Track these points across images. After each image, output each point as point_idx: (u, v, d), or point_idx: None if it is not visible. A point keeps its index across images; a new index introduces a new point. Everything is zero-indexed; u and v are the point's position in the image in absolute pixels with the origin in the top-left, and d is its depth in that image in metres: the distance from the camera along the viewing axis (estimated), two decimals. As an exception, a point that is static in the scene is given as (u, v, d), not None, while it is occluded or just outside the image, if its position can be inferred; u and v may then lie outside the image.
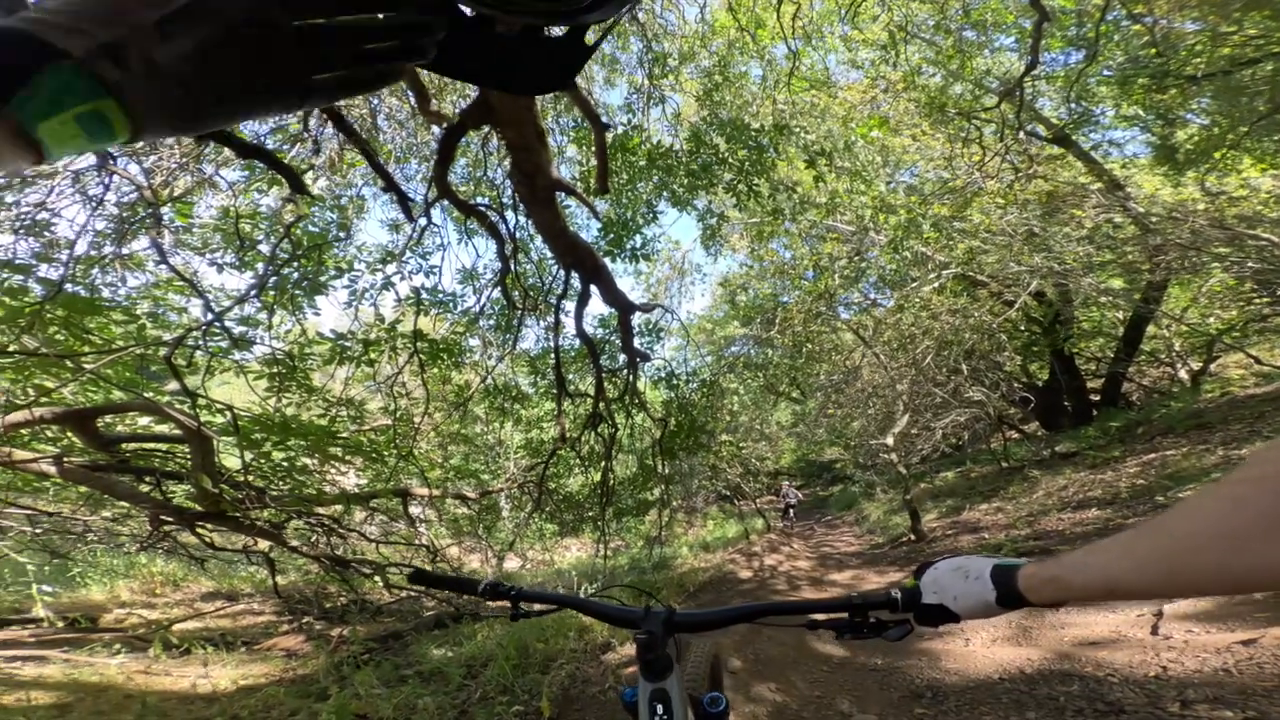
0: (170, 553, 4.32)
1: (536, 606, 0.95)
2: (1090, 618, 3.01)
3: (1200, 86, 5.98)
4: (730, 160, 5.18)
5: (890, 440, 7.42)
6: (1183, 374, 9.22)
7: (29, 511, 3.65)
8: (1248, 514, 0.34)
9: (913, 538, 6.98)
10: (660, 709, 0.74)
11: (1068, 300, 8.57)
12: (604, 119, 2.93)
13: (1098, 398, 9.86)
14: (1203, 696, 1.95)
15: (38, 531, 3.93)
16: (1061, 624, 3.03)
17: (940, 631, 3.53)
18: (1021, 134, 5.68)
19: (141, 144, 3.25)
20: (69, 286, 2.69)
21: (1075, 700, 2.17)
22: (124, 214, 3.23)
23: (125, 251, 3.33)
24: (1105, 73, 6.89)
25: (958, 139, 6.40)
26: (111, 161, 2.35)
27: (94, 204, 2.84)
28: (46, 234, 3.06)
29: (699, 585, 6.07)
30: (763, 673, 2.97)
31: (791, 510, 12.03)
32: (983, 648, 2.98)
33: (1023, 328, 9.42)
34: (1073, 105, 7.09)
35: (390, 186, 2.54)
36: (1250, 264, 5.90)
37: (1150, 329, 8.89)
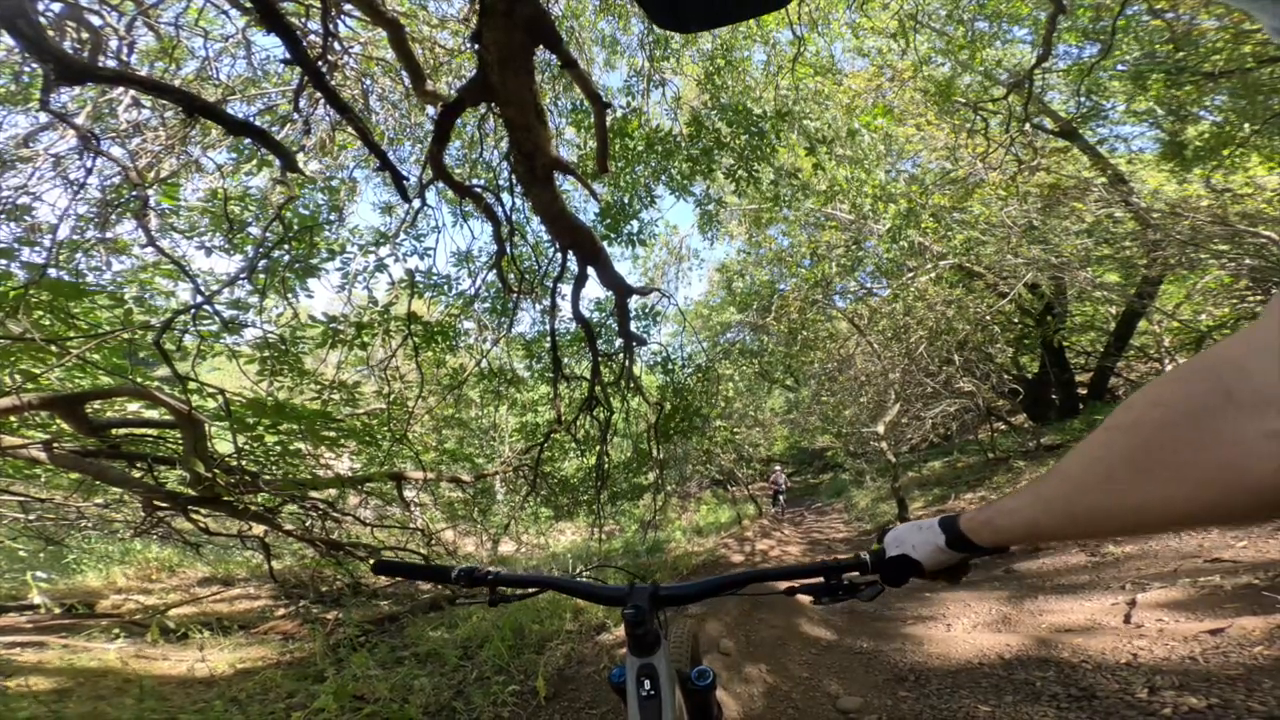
0: (165, 538, 4.33)
1: (517, 591, 0.93)
2: (1067, 605, 3.12)
3: (1217, 83, 5.94)
4: (731, 145, 5.10)
5: (881, 429, 7.52)
6: (1170, 369, 9.35)
7: (21, 498, 3.63)
8: (1117, 458, 0.37)
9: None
10: (648, 684, 0.74)
11: (1062, 293, 8.62)
12: (604, 99, 2.87)
13: (1085, 391, 10.01)
14: (1170, 683, 2.03)
15: (31, 518, 3.92)
16: (1039, 611, 3.14)
17: (924, 616, 3.61)
18: (1028, 126, 5.61)
19: (124, 126, 3.14)
20: (52, 271, 2.62)
21: (1050, 685, 2.25)
22: (108, 197, 3.13)
23: (109, 235, 3.24)
24: (1119, 67, 6.81)
25: (963, 129, 6.33)
26: (94, 142, 2.27)
27: (76, 187, 2.75)
28: (28, 218, 2.96)
29: (691, 569, 6.19)
30: (754, 654, 3.05)
31: (781, 496, 12.21)
32: (964, 633, 3.08)
33: (1016, 320, 9.49)
34: (1082, 99, 7.02)
35: (386, 166, 2.48)
36: (1247, 261, 5.95)
37: (1141, 324, 8.98)
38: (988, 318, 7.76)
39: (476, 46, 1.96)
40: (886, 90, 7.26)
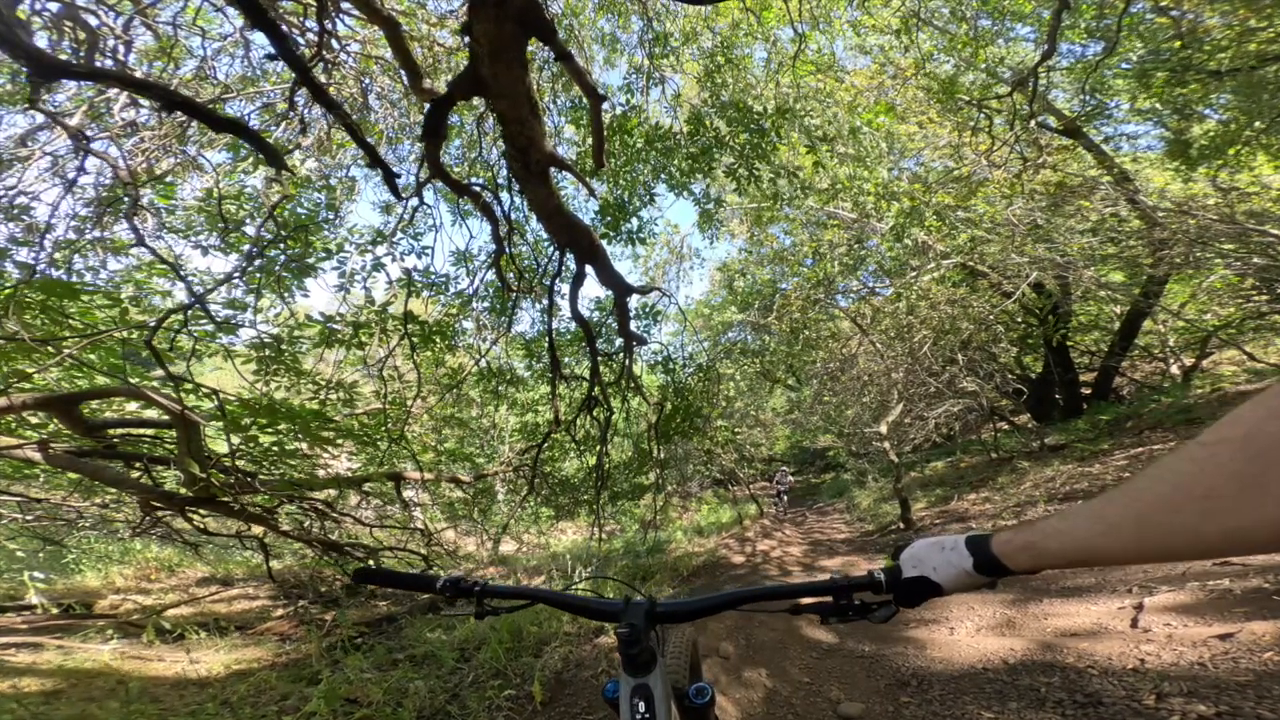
0: (164, 538, 4.32)
1: (505, 604, 0.89)
2: (1073, 608, 3.07)
3: (1222, 81, 5.89)
4: (731, 143, 5.06)
5: (883, 428, 7.48)
6: (1175, 369, 9.27)
7: (19, 499, 3.63)
8: (1221, 475, 0.34)
9: (902, 526, 7.08)
10: (642, 706, 0.71)
11: (1066, 293, 8.55)
12: (601, 94, 2.84)
13: (1089, 391, 9.93)
14: (1178, 690, 1.99)
15: (29, 519, 3.91)
16: (1044, 614, 3.09)
17: (927, 620, 3.57)
18: (1032, 124, 5.56)
19: (119, 124, 3.13)
20: (48, 270, 2.61)
21: (1055, 691, 2.21)
22: (103, 195, 3.12)
23: (106, 235, 3.23)
24: (1123, 65, 6.76)
25: (966, 127, 6.27)
26: (85, 141, 2.25)
27: (69, 186, 2.74)
28: (24, 218, 2.96)
29: (692, 570, 6.16)
30: (754, 658, 3.01)
31: (784, 496, 12.19)
32: (967, 637, 3.03)
33: (1020, 319, 9.42)
34: (1087, 97, 6.97)
35: (376, 162, 2.45)
36: (1254, 260, 5.89)
37: (1146, 324, 8.91)
38: (991, 317, 7.70)
39: (467, 39, 1.94)
40: (889, 88, 7.21)
